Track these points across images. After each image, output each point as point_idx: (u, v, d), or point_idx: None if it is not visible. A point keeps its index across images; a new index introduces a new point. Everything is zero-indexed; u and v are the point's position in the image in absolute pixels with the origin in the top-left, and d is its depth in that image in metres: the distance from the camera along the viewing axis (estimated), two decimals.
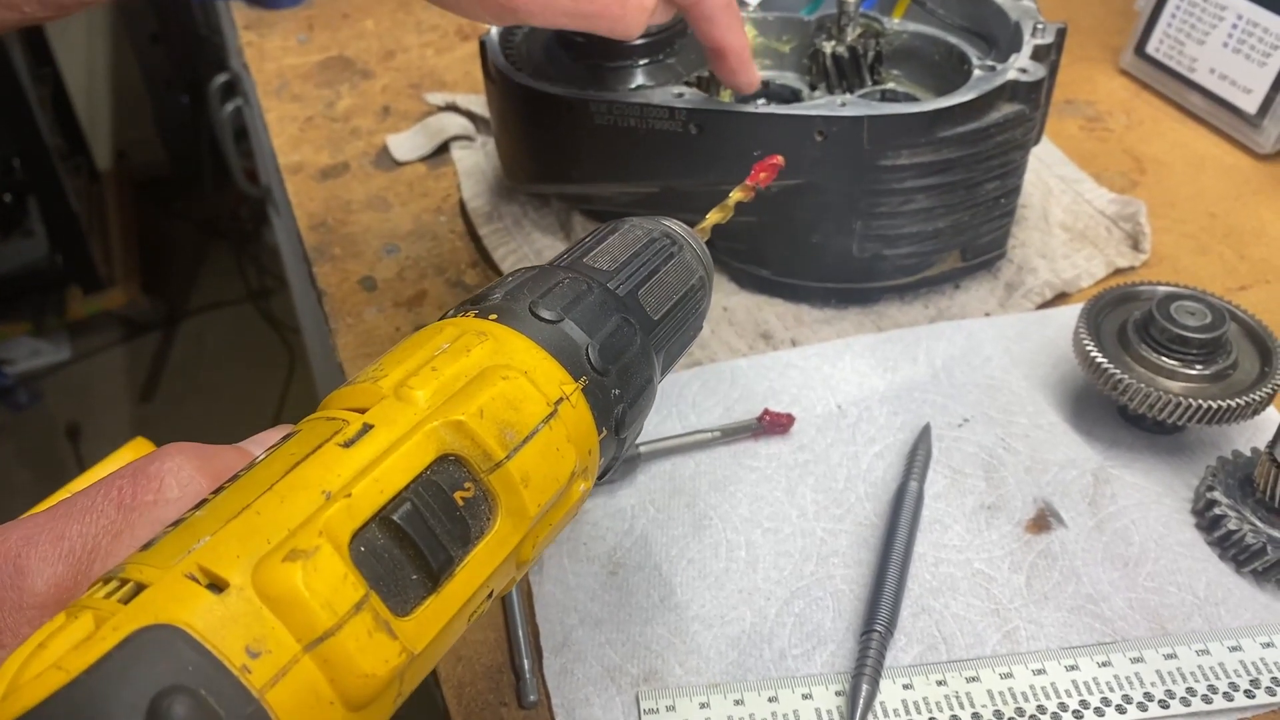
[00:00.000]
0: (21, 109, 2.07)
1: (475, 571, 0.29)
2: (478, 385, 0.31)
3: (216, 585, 0.25)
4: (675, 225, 0.43)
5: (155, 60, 2.49)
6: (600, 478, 0.37)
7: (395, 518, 0.28)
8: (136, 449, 0.43)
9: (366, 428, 0.29)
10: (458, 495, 0.30)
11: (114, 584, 0.25)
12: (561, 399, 0.33)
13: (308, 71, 0.93)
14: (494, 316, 0.34)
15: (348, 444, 0.28)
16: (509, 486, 0.31)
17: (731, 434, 0.58)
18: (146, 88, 2.54)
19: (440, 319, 0.36)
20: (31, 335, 2.32)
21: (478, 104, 0.83)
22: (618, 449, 0.37)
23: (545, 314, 0.35)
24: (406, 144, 0.82)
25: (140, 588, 0.25)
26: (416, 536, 0.28)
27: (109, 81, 2.54)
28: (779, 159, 0.51)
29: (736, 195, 0.50)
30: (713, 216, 0.48)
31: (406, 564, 0.28)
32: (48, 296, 2.34)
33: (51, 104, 2.31)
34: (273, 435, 0.35)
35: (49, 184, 2.17)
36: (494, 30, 0.68)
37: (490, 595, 0.31)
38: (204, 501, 0.28)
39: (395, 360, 0.32)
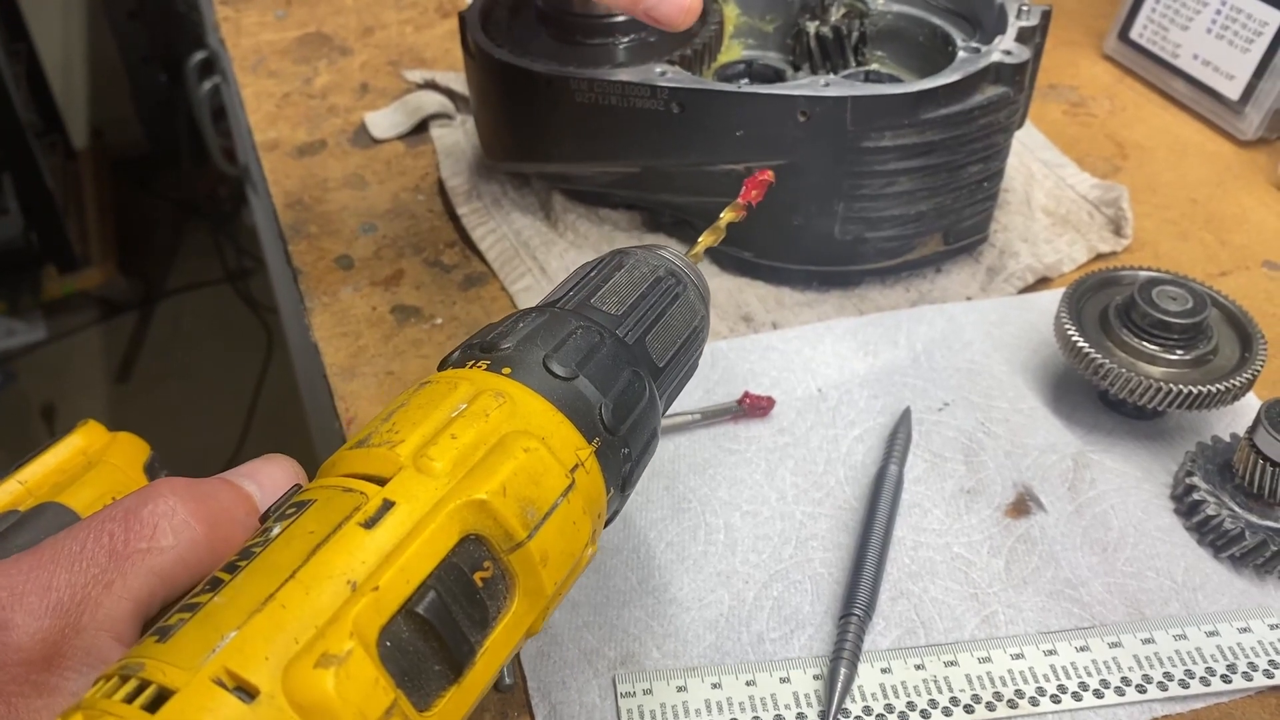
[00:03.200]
0: None
1: (494, 656, 0.29)
2: (498, 457, 0.30)
3: (245, 691, 0.24)
4: (676, 259, 0.42)
5: (133, 37, 2.46)
6: None
7: (420, 610, 0.27)
8: (88, 434, 0.42)
9: (387, 504, 0.28)
10: (477, 576, 0.29)
11: (133, 684, 0.24)
12: (577, 465, 0.32)
13: (285, 47, 0.91)
14: (507, 370, 0.33)
15: (369, 524, 0.27)
16: (528, 566, 0.30)
17: (711, 416, 0.57)
18: (124, 65, 2.50)
19: (447, 362, 0.35)
20: (6, 315, 2.30)
21: (457, 82, 0.82)
22: (620, 504, 0.37)
23: (559, 370, 0.34)
24: (384, 122, 0.81)
25: (165, 693, 0.24)
26: (441, 628, 0.27)
27: (85, 58, 2.50)
28: (769, 174, 0.50)
29: (728, 216, 0.49)
30: (705, 240, 0.47)
31: (429, 656, 0.27)
32: (23, 276, 2.31)
33: (26, 80, 2.28)
34: (265, 468, 0.34)
35: (24, 162, 2.14)
36: (474, 6, 0.67)
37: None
38: (219, 582, 0.26)
39: (410, 422, 0.31)
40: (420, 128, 0.80)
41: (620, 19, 0.64)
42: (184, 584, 0.29)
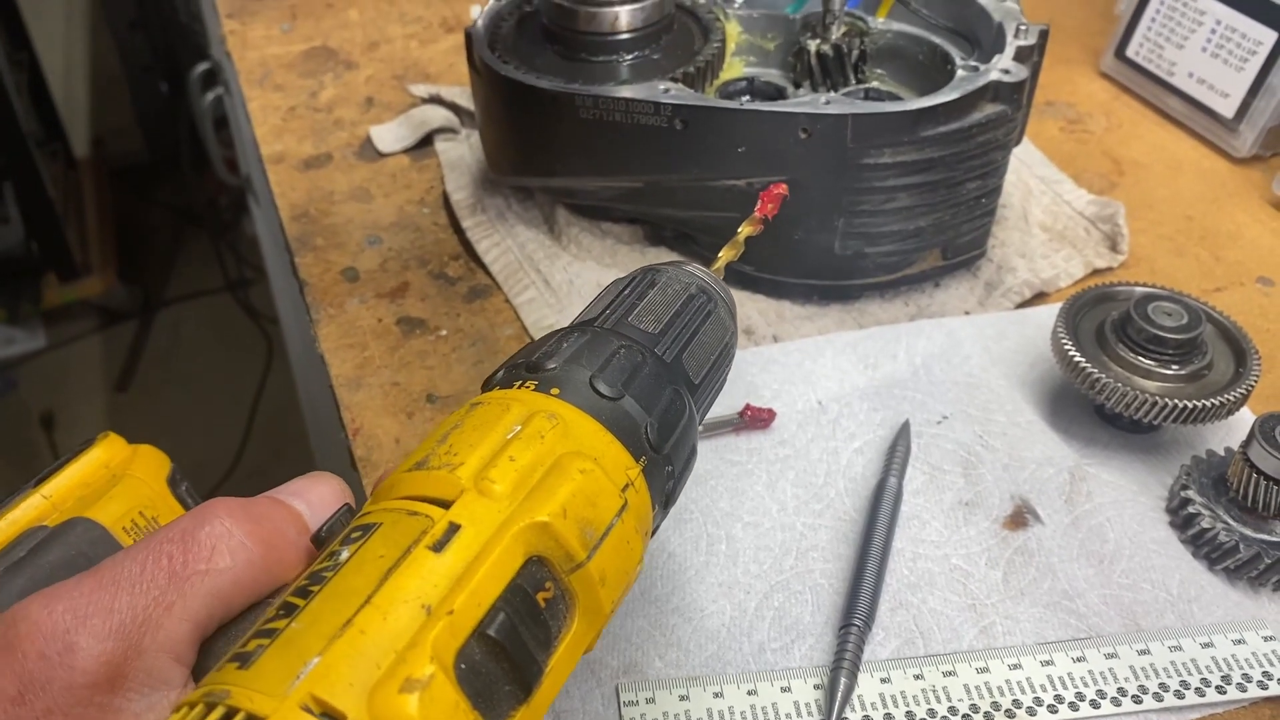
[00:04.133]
0: None
1: (558, 675, 0.30)
2: (556, 478, 0.31)
3: (332, 717, 0.24)
4: (705, 276, 0.43)
5: (134, 47, 2.47)
6: None
7: (491, 632, 0.27)
8: (109, 448, 0.42)
9: (453, 527, 0.29)
10: (540, 596, 0.29)
11: (220, 711, 0.25)
12: (628, 485, 0.33)
13: (291, 61, 0.92)
14: (555, 391, 0.34)
15: (437, 547, 0.28)
16: (588, 586, 0.31)
17: (713, 428, 0.58)
18: (125, 74, 2.51)
19: (491, 381, 0.36)
20: (6, 323, 2.30)
21: (462, 96, 0.83)
22: (661, 520, 0.37)
23: (606, 390, 0.35)
24: (390, 135, 0.82)
25: None
26: (511, 649, 0.28)
27: (87, 68, 2.51)
28: (783, 188, 0.51)
29: (746, 230, 0.49)
30: (726, 255, 0.48)
31: (500, 677, 0.28)
32: (23, 284, 2.32)
33: (28, 89, 2.28)
34: (313, 486, 0.34)
35: (25, 170, 2.15)
36: (480, 22, 0.68)
37: None
38: (293, 607, 0.27)
39: (467, 444, 0.31)
40: (425, 141, 0.81)
41: (625, 36, 0.65)
42: (240, 604, 0.30)
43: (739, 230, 0.49)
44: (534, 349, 0.37)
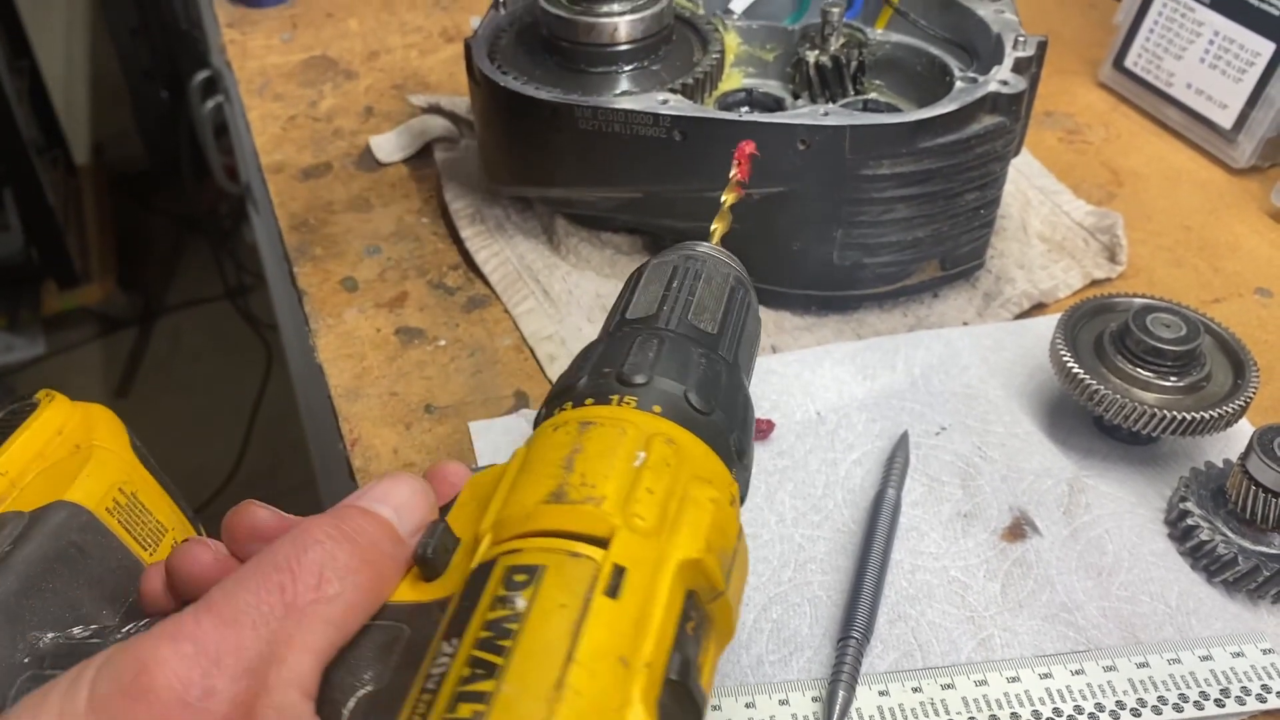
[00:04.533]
0: None
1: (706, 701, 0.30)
2: (693, 511, 0.31)
3: None
4: (728, 258, 0.43)
5: (135, 54, 2.47)
6: None
7: (674, 676, 0.28)
8: (56, 411, 0.39)
9: (619, 570, 0.29)
10: (688, 627, 0.30)
11: None
12: (732, 500, 0.33)
13: (290, 70, 0.92)
14: (657, 409, 0.34)
15: (612, 593, 0.28)
16: (725, 612, 0.31)
17: None
18: (125, 82, 2.52)
19: (573, 390, 0.35)
20: (5, 330, 2.30)
21: (461, 106, 0.83)
22: None
23: (700, 405, 0.35)
24: (389, 145, 0.82)
25: None
26: (690, 688, 0.28)
27: (87, 75, 2.52)
28: (752, 145, 0.51)
29: (730, 198, 0.49)
30: (719, 227, 0.48)
31: (681, 715, 0.28)
32: (22, 291, 2.32)
33: (29, 96, 2.29)
34: (396, 490, 0.33)
35: (25, 177, 2.15)
36: (479, 33, 0.68)
37: None
38: (491, 665, 0.26)
39: (599, 473, 0.31)
40: (424, 151, 0.81)
41: (624, 48, 0.65)
42: (353, 628, 0.30)
43: (722, 199, 0.49)
44: (611, 355, 0.37)
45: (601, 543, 0.29)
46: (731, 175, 0.51)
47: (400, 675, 0.29)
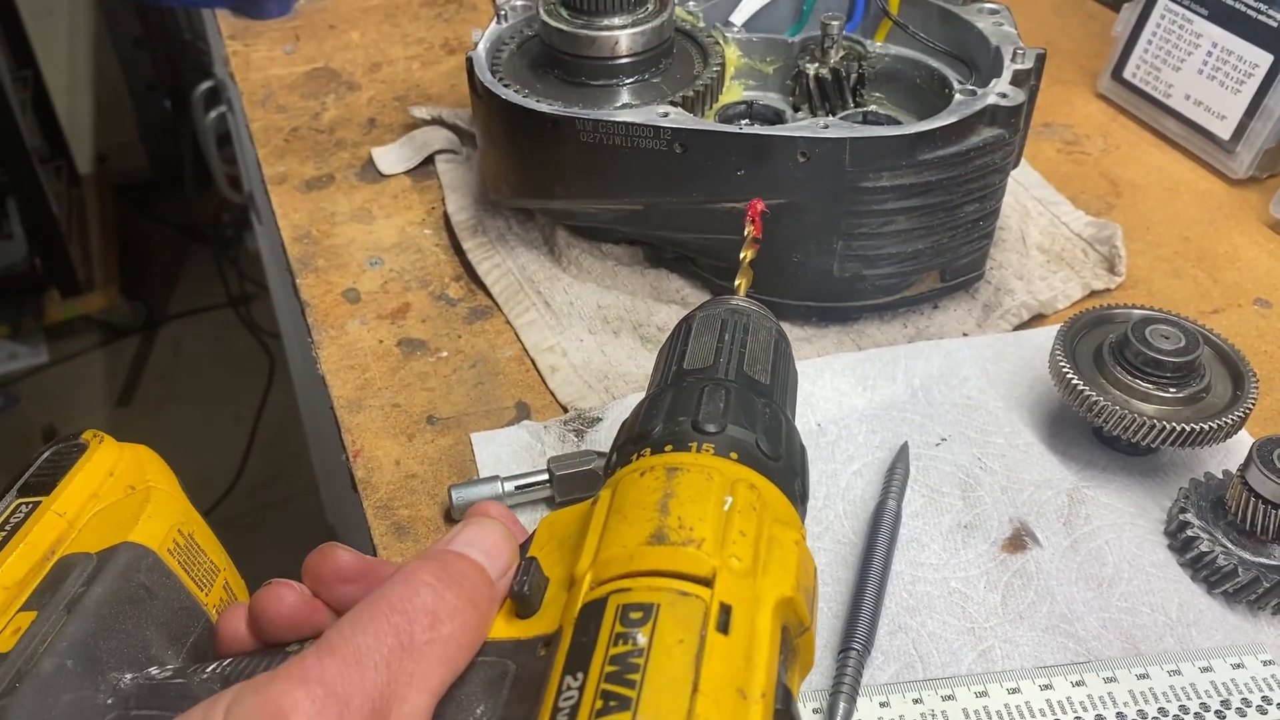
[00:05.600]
0: (1, 111, 2.06)
1: None
2: (780, 552, 0.33)
3: None
4: (768, 313, 0.47)
5: (138, 64, 2.48)
6: None
7: (779, 705, 0.30)
8: (105, 453, 0.40)
9: (725, 608, 0.30)
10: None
11: None
12: (802, 540, 0.35)
13: (293, 82, 0.93)
14: (734, 455, 0.36)
15: (723, 629, 0.30)
16: (808, 644, 0.34)
17: None
18: (128, 91, 2.53)
19: (648, 436, 0.38)
20: (8, 338, 2.31)
21: (463, 118, 0.84)
22: None
23: (770, 451, 0.37)
24: (391, 156, 0.82)
25: None
26: (795, 717, 0.30)
27: (91, 85, 2.53)
28: (760, 203, 0.55)
29: (748, 254, 0.54)
30: (743, 283, 0.52)
31: None
32: (25, 299, 2.33)
33: (32, 106, 2.30)
34: (484, 535, 0.35)
35: (29, 186, 2.16)
36: (481, 46, 0.68)
37: None
38: (625, 699, 0.28)
39: (694, 516, 0.33)
40: (426, 162, 0.82)
41: (625, 61, 0.66)
42: (462, 665, 0.31)
43: (742, 256, 0.53)
44: (684, 404, 0.39)
45: (705, 582, 0.31)
46: (747, 233, 0.53)
47: (513, 709, 0.31)
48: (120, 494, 0.40)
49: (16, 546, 0.37)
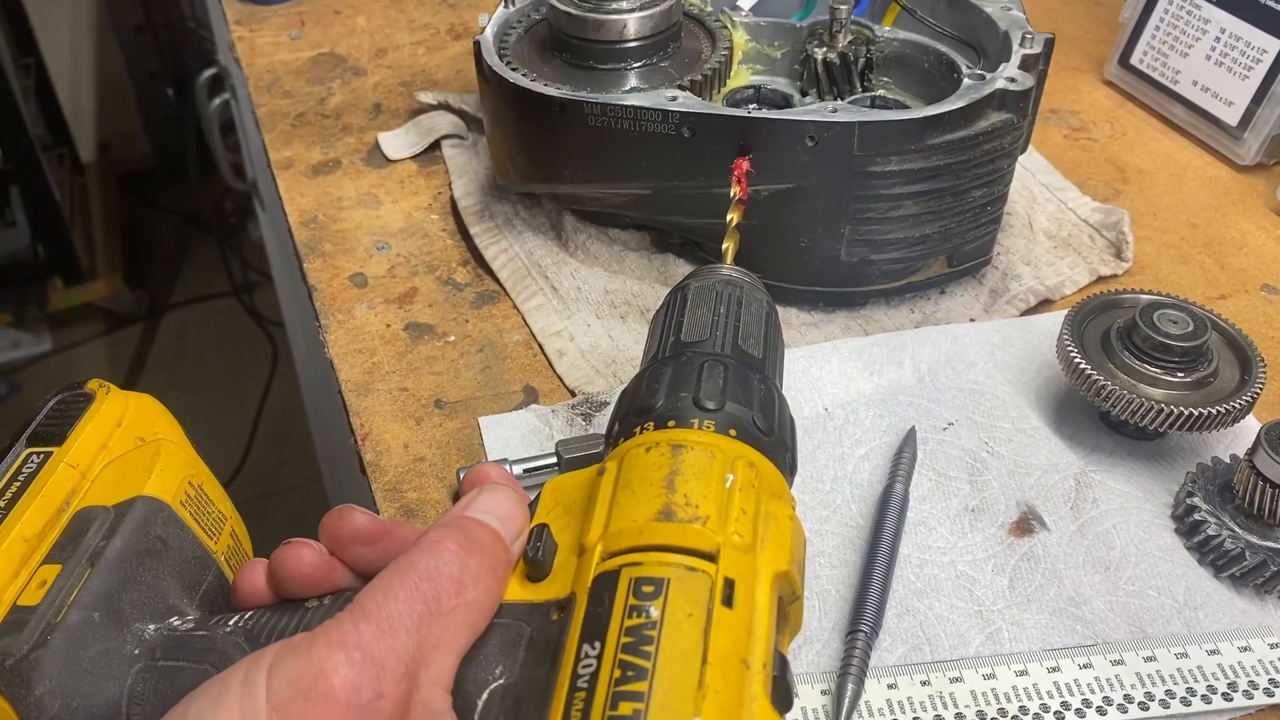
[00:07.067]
0: (4, 99, 2.06)
1: None
2: (777, 528, 0.35)
3: None
4: (758, 283, 0.48)
5: (140, 52, 2.48)
6: None
7: (777, 673, 0.31)
8: (112, 403, 0.40)
9: (729, 583, 0.32)
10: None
11: None
12: (793, 516, 0.37)
13: (299, 68, 0.93)
14: (734, 433, 0.38)
15: (728, 603, 0.31)
16: (799, 612, 0.36)
17: None
18: (131, 79, 2.52)
19: (650, 410, 0.39)
20: (12, 326, 2.31)
21: (469, 103, 0.83)
22: None
23: (764, 427, 0.39)
24: (398, 141, 0.82)
25: None
26: (789, 682, 0.32)
27: (93, 73, 2.52)
28: (745, 162, 0.55)
29: (735, 217, 0.53)
30: (730, 247, 0.52)
31: (781, 705, 0.31)
32: (29, 287, 2.33)
33: (35, 94, 2.29)
34: (498, 502, 0.36)
35: (32, 174, 2.16)
36: (488, 30, 0.68)
37: None
38: (640, 668, 0.29)
39: (699, 494, 0.34)
40: (433, 147, 0.82)
41: (633, 44, 0.66)
42: (482, 627, 0.33)
43: (729, 219, 0.52)
44: (684, 380, 0.40)
45: (710, 557, 0.33)
46: (733, 195, 0.53)
47: (530, 669, 0.32)
48: (129, 445, 0.40)
49: (34, 499, 0.37)
